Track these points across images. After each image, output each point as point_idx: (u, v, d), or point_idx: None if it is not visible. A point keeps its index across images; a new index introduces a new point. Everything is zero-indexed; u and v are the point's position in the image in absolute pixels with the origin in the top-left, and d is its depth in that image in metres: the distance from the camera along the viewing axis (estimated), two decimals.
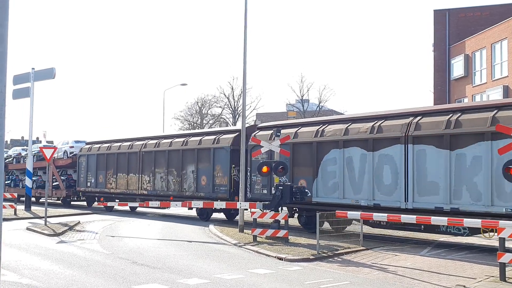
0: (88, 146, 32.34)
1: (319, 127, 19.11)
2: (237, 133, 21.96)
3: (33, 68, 27.07)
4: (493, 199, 14.08)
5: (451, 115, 15.52)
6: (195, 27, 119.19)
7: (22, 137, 75.11)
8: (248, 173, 20.96)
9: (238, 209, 19.01)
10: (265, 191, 20.22)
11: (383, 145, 16.77)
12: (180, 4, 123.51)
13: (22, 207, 27.65)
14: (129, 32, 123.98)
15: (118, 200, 28.87)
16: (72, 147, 33.32)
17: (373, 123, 17.36)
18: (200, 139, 24.38)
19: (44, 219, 20.76)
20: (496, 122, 13.91)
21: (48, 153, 21.18)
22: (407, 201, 15.96)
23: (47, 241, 16.77)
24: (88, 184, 31.16)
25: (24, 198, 29.45)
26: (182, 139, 25.62)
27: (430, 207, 15.38)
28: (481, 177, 14.34)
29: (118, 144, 29.70)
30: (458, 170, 14.86)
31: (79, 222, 21.98)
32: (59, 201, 34.70)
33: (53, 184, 32.46)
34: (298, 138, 19.26)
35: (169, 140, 26.35)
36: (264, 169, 17.14)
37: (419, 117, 16.34)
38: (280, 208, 17.54)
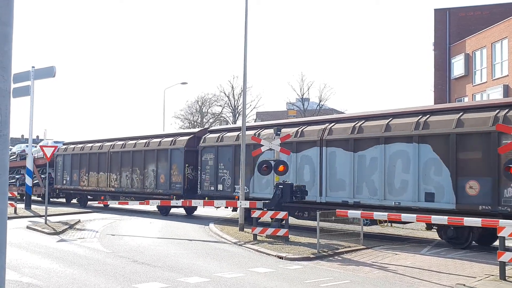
0: (64, 146, 34.80)
1: (257, 131, 21.88)
2: (192, 136, 25.31)
3: (33, 67, 27.07)
4: (386, 194, 16.67)
5: (356, 122, 18.21)
6: (196, 25, 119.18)
7: (22, 136, 75.10)
8: (199, 172, 23.84)
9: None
10: (212, 188, 23.05)
11: (305, 148, 19.44)
12: (181, 3, 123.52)
13: (22, 205, 27.66)
14: (130, 30, 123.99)
15: (91, 197, 31.74)
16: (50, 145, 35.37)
17: (297, 128, 20.19)
18: (160, 141, 26.76)
19: (44, 217, 20.78)
20: (389, 129, 16.88)
21: (48, 151, 21.19)
22: (321, 196, 18.57)
23: (48, 239, 16.79)
24: (64, 182, 33.58)
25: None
26: (144, 141, 27.84)
27: (338, 201, 17.92)
28: (377, 175, 16.87)
29: (91, 145, 32.24)
30: (359, 169, 17.43)
31: (79, 221, 22.00)
32: (39, 198, 36.01)
33: (34, 182, 33.31)
34: (240, 141, 20.82)
35: (134, 142, 28.60)
36: (265, 167, 17.18)
37: (332, 124, 19.19)
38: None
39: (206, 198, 22.49)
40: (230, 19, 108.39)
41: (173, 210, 26.89)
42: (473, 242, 15.19)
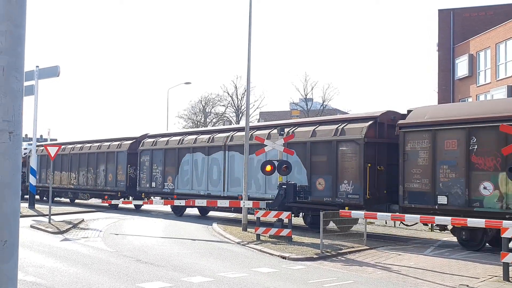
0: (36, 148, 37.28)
1: (181, 137, 25.89)
2: (134, 140, 29.14)
3: (37, 66, 27.17)
4: (266, 189, 20.65)
5: (254, 130, 22.08)
6: (200, 25, 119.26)
7: (26, 135, 75.37)
8: (138, 171, 27.72)
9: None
10: (147, 185, 26.92)
11: (214, 151, 23.46)
12: (185, 3, 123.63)
13: (26, 204, 27.74)
14: (134, 30, 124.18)
15: (56, 193, 34.09)
16: (25, 148, 37.26)
17: (209, 135, 24.30)
18: (109, 144, 30.73)
19: (48, 217, 20.84)
20: (269, 137, 20.44)
21: (52, 151, 21.26)
22: (225, 191, 22.63)
23: (51, 238, 16.84)
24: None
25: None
26: (97, 144, 31.74)
27: (236, 195, 21.82)
28: (261, 174, 19.65)
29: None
30: (250, 169, 20.41)
31: (83, 220, 22.06)
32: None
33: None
34: (168, 145, 26.20)
35: (89, 145, 32.56)
36: (268, 168, 17.20)
37: (234, 132, 23.28)
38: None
39: (143, 194, 26.88)
40: (234, 19, 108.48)
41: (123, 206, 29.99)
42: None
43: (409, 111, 16.96)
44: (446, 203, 15.03)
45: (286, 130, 19.77)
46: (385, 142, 17.60)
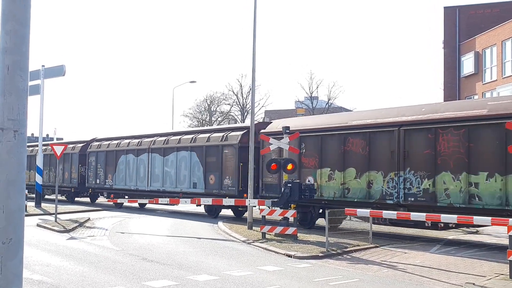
0: None
1: (119, 141, 30.78)
2: (84, 143, 33.98)
3: (43, 65, 27.27)
4: (177, 183, 25.68)
5: (166, 136, 27.51)
6: (205, 24, 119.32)
7: (32, 134, 75.67)
8: (86, 170, 32.80)
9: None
10: (93, 182, 31.93)
11: (141, 153, 28.35)
12: (190, 2, 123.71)
13: (32, 203, 27.86)
14: (139, 29, 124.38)
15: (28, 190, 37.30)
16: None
17: (139, 140, 29.26)
18: (66, 147, 33.90)
19: (54, 215, 20.93)
20: (180, 142, 26.00)
21: (58, 150, 21.34)
22: (148, 186, 27.54)
23: (58, 237, 16.92)
24: None
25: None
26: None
27: (156, 189, 27.01)
28: (173, 172, 25.85)
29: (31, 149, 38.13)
30: (165, 168, 26.45)
31: (89, 219, 22.13)
32: None
33: None
34: (109, 148, 31.13)
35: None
36: (273, 166, 17.20)
37: (157, 137, 28.25)
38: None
39: (90, 189, 32.47)
40: (239, 18, 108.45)
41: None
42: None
43: (270, 122, 23.08)
44: None
45: (190, 136, 25.79)
46: (256, 147, 20.34)
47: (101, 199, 33.82)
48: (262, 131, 21.12)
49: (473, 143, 14.62)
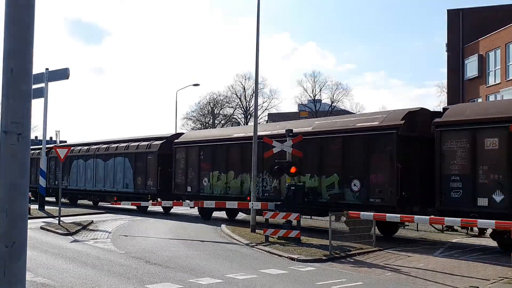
0: None
1: (73, 148, 32.36)
2: (47, 150, 33.07)
3: (47, 69, 27.30)
4: (115, 184, 30.17)
5: (107, 144, 32.20)
6: (209, 27, 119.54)
7: (36, 137, 75.82)
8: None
9: None
10: (53, 183, 35.25)
11: (88, 158, 32.71)
12: (196, 4, 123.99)
13: (36, 206, 27.89)
14: (141, 32, 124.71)
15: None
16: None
17: (87, 147, 33.73)
18: (33, 152, 36.66)
19: (57, 218, 20.95)
20: (117, 149, 30.72)
21: (62, 153, 21.38)
22: (94, 186, 31.84)
23: (61, 240, 16.93)
24: None
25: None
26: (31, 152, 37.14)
27: (99, 189, 31.38)
28: (111, 174, 30.48)
29: None
30: (107, 171, 30.97)
31: (92, 222, 22.14)
32: None
33: None
34: (74, 153, 33.63)
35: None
36: (277, 169, 17.19)
37: (101, 145, 32.53)
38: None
39: (50, 189, 34.36)
40: (243, 20, 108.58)
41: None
42: None
43: (180, 134, 29.25)
44: (191, 191, 25.16)
45: (125, 144, 30.32)
46: (169, 154, 26.82)
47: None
48: (175, 141, 27.01)
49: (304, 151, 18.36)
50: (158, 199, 27.01)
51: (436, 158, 15.62)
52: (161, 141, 27.84)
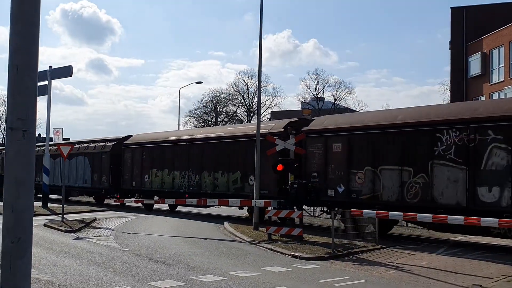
0: None
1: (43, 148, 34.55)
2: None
3: (50, 66, 27.37)
4: (76, 181, 33.84)
5: (88, 144, 34.21)
6: (212, 24, 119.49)
7: (39, 135, 76.02)
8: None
9: None
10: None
11: (57, 157, 32.99)
12: (198, 4, 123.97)
13: (39, 203, 27.95)
14: (144, 28, 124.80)
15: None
16: None
17: (56, 147, 31.53)
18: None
19: (61, 215, 21.00)
20: (79, 149, 32.96)
21: (65, 150, 21.43)
22: (76, 183, 33.86)
23: (64, 237, 16.98)
24: None
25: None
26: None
27: (76, 185, 33.88)
28: (81, 171, 33.30)
29: None
30: (71, 168, 34.12)
31: (95, 219, 22.19)
32: None
33: None
34: (39, 153, 33.77)
35: None
36: (279, 167, 17.20)
37: (80, 144, 34.39)
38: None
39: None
40: (246, 16, 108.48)
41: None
42: None
43: (129, 136, 31.89)
44: (135, 186, 29.31)
45: (86, 145, 33.38)
46: (119, 154, 30.72)
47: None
48: (124, 142, 30.78)
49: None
50: (117, 195, 31.07)
51: (302, 158, 19.19)
52: (113, 143, 31.65)
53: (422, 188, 15.81)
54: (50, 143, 30.48)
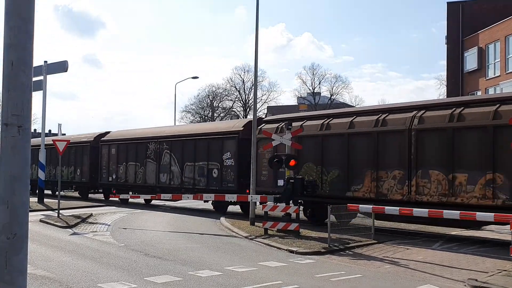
0: None
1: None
2: None
3: (45, 61, 27.24)
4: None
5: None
6: (208, 19, 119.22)
7: (35, 130, 75.82)
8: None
9: None
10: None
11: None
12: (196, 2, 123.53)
13: (35, 199, 27.91)
14: (141, 25, 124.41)
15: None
16: None
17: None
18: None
19: (57, 211, 20.97)
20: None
21: (61, 145, 21.37)
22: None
23: (60, 233, 16.96)
24: None
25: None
26: None
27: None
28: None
29: None
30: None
31: (91, 215, 22.17)
32: None
33: None
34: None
35: None
36: (276, 162, 17.20)
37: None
38: None
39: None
40: (238, 9, 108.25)
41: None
42: None
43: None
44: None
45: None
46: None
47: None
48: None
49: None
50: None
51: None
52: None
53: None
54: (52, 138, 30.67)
